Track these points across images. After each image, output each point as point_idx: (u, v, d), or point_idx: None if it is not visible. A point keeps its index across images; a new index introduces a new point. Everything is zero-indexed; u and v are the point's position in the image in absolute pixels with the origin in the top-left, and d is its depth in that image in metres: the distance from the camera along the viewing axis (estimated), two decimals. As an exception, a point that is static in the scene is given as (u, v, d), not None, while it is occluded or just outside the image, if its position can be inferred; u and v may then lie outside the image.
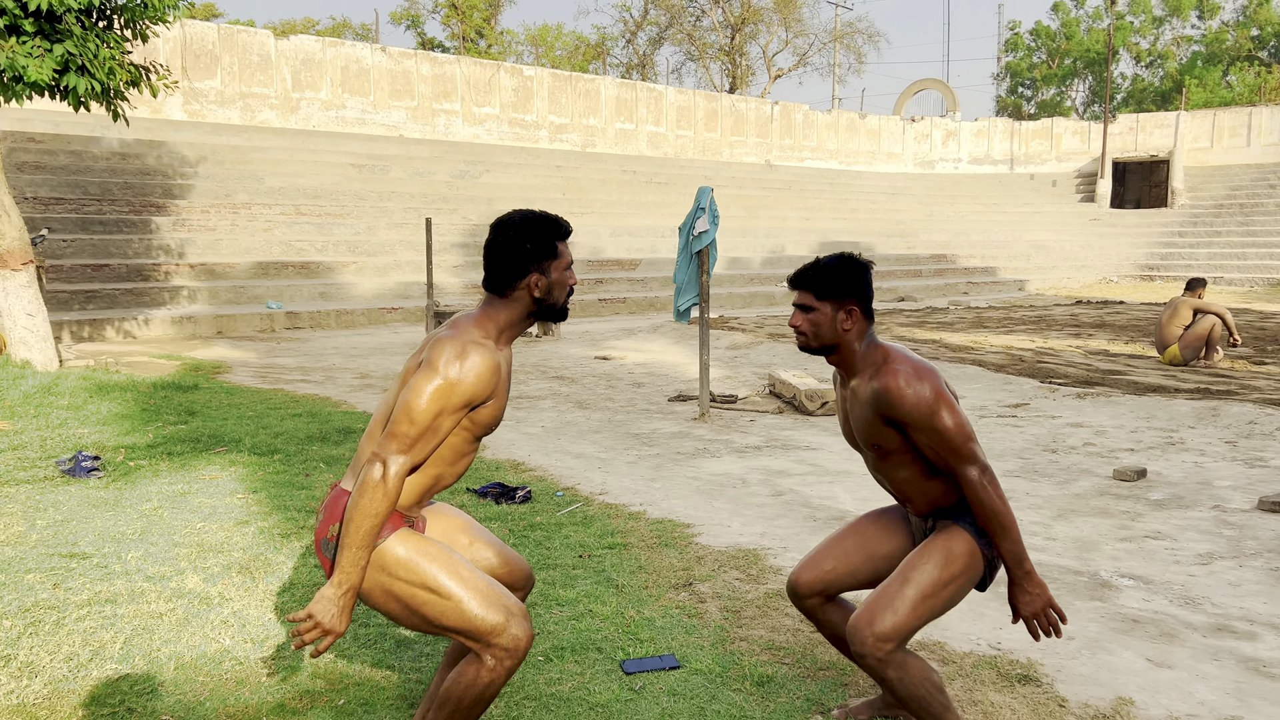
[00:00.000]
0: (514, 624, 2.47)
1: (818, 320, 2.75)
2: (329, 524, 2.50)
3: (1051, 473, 6.41)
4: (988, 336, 14.46)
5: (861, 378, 2.76)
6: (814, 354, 2.81)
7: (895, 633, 2.63)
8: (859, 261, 2.76)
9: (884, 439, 2.73)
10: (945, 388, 2.67)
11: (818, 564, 2.95)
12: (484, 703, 2.51)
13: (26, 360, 9.41)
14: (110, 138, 18.92)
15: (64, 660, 3.40)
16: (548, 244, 2.57)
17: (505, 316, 2.59)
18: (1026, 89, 61.70)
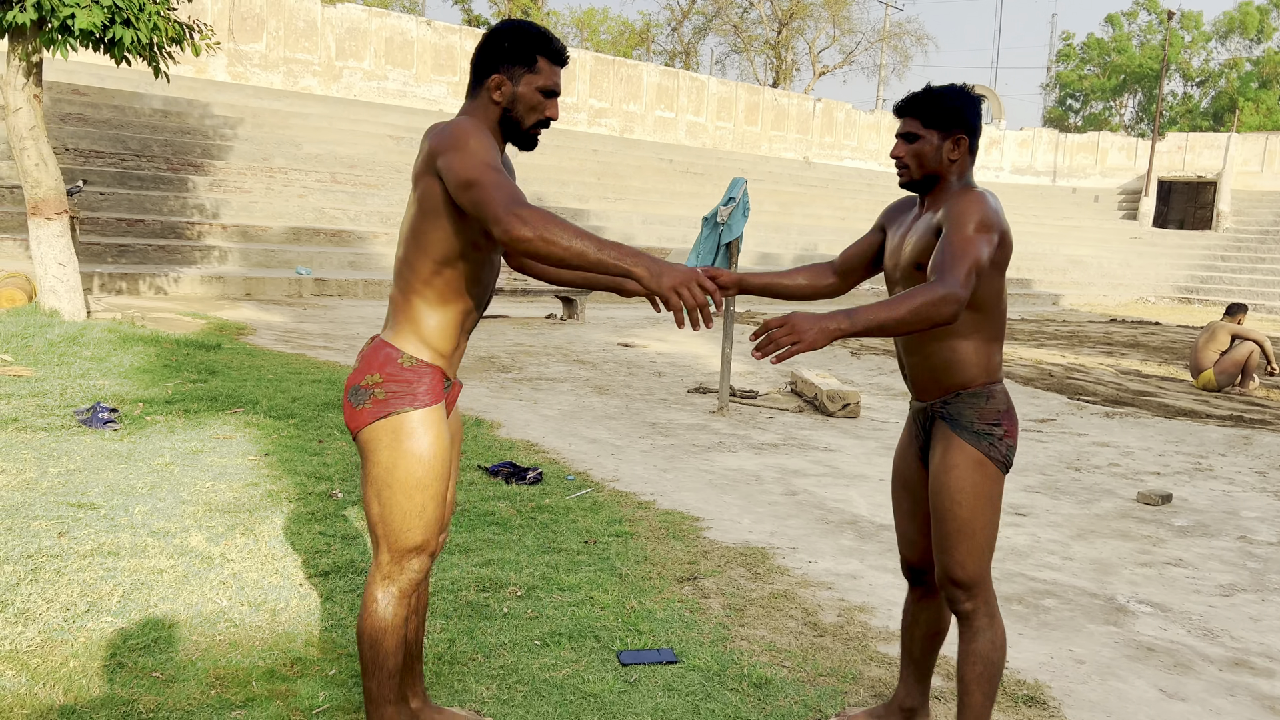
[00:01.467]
0: (420, 556, 2.48)
1: (922, 150, 2.59)
2: (365, 372, 2.44)
3: (1073, 491, 6.28)
4: (1017, 349, 14.26)
5: (937, 208, 2.59)
6: (914, 188, 2.65)
7: (972, 579, 2.60)
8: (971, 93, 2.61)
9: (926, 255, 2.54)
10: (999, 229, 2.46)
11: (911, 540, 2.88)
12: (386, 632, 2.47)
13: (55, 309, 9.47)
14: (153, 95, 19.03)
15: (61, 609, 3.39)
16: (526, 52, 2.41)
17: (488, 116, 2.45)
18: (1075, 101, 60.86)
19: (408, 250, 2.43)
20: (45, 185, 9.36)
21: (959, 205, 2.47)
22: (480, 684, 3.12)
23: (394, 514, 2.44)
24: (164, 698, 2.88)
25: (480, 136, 2.30)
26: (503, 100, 2.43)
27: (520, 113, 2.45)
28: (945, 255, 2.38)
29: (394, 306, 2.49)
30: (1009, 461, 2.63)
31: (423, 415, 2.42)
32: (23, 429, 5.74)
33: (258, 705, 2.88)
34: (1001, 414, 2.62)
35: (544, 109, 2.47)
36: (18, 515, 4.26)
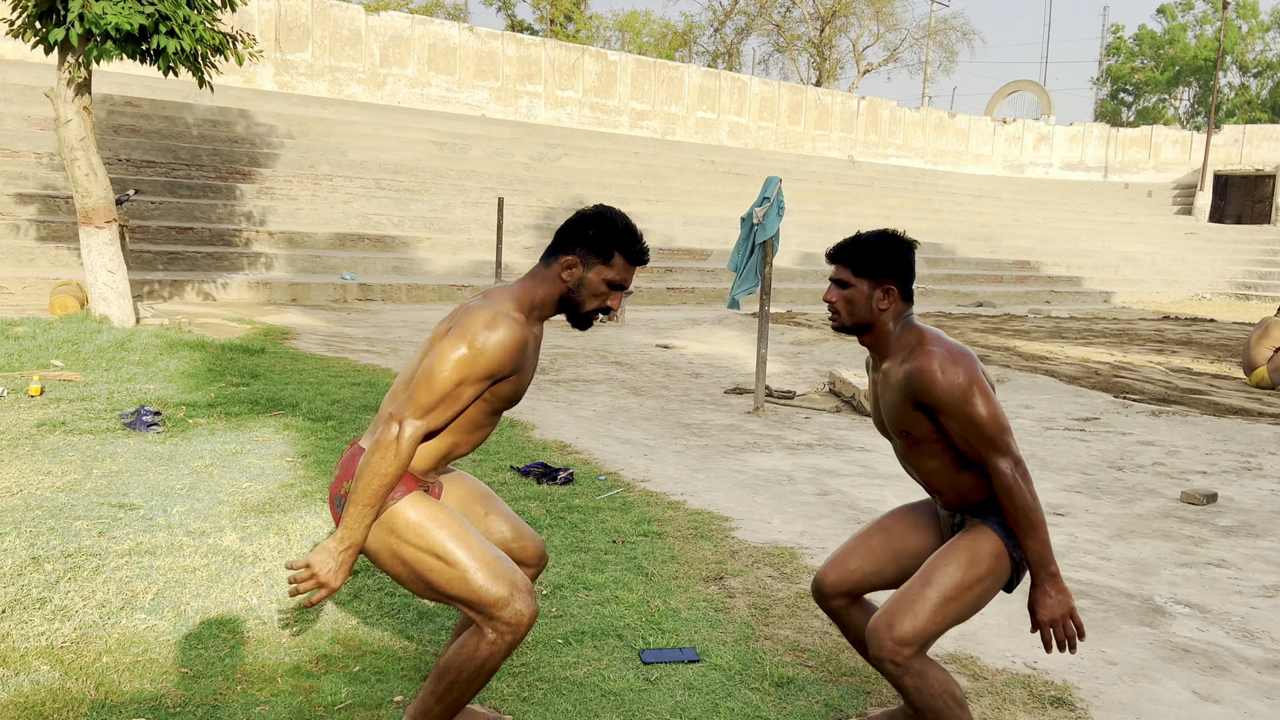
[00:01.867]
0: (517, 599, 2.44)
1: (853, 297, 2.64)
2: (344, 480, 2.50)
3: (1115, 491, 6.16)
4: (1064, 347, 14.02)
5: (894, 360, 2.64)
6: (847, 333, 2.71)
7: (915, 637, 2.51)
8: (901, 239, 2.64)
9: (913, 425, 2.61)
10: (981, 374, 2.55)
11: (843, 563, 2.85)
12: (483, 676, 2.48)
13: (105, 315, 9.71)
14: (202, 105, 19.43)
15: (97, 606, 3.47)
16: (607, 245, 2.50)
17: (542, 293, 2.53)
18: (1127, 95, 59.67)
19: (399, 391, 2.51)
20: (95, 195, 9.61)
21: (936, 387, 2.50)
22: (501, 681, 3.15)
23: (457, 586, 2.43)
24: (191, 692, 2.94)
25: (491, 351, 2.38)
26: (569, 281, 2.52)
27: (582, 297, 2.53)
28: (979, 445, 2.52)
29: (378, 419, 2.53)
30: (1016, 579, 2.65)
31: (407, 502, 2.46)
32: (70, 432, 5.89)
33: (282, 700, 2.93)
34: None
35: (606, 299, 2.55)
36: (61, 515, 4.38)
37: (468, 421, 2.51)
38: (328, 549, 2.37)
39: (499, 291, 2.52)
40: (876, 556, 2.81)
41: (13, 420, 6.09)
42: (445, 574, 2.43)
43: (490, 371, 2.40)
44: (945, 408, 2.51)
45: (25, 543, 4.00)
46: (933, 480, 2.69)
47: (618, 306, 2.58)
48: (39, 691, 2.87)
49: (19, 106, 17.24)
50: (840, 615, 2.90)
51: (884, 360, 2.69)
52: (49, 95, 9.52)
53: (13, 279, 12.58)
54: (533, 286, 2.54)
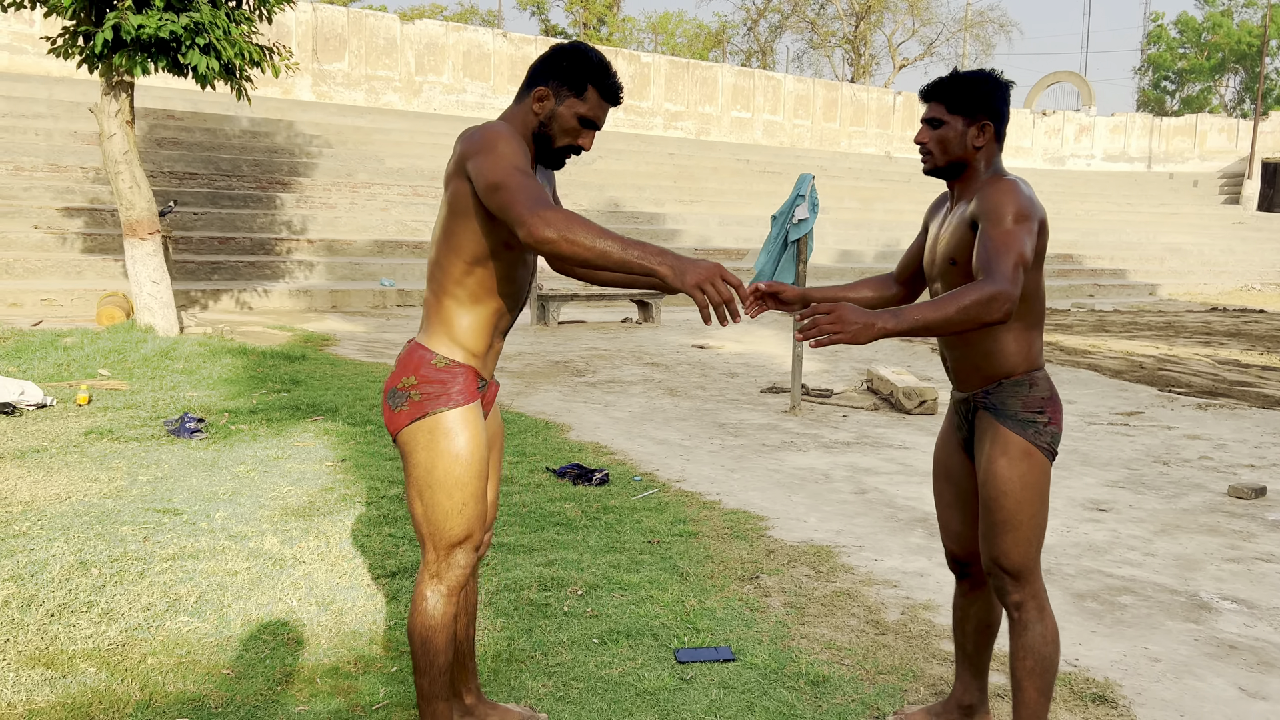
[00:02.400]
0: (462, 552, 2.52)
1: (946, 136, 2.56)
2: (401, 375, 2.50)
3: (1160, 485, 6.05)
4: (1108, 341, 13.80)
5: (968, 198, 2.55)
6: (939, 175, 2.62)
7: (1020, 566, 2.54)
8: (998, 78, 2.57)
9: (962, 250, 2.51)
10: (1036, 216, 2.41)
11: (951, 530, 2.84)
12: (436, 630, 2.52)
13: (150, 325, 9.90)
14: (242, 116, 19.74)
15: (142, 610, 3.54)
16: (580, 78, 2.43)
17: (523, 127, 2.48)
18: (1170, 83, 58.59)
19: (439, 251, 2.48)
20: (138, 207, 9.80)
21: (993, 197, 2.42)
22: (537, 681, 3.16)
23: (436, 512, 2.49)
24: (232, 693, 2.99)
25: (509, 141, 2.34)
26: (540, 114, 2.46)
27: (554, 131, 2.47)
28: (989, 251, 2.34)
29: (427, 309, 2.54)
30: (1054, 449, 2.57)
31: (458, 414, 2.47)
32: (116, 439, 6.02)
33: (321, 701, 2.97)
34: (1045, 401, 2.56)
35: (577, 136, 2.48)
36: (108, 521, 4.47)
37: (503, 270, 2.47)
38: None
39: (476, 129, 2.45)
40: (964, 503, 2.79)
41: (62, 428, 6.23)
42: (437, 504, 2.48)
43: (516, 145, 2.33)
44: (989, 210, 2.39)
45: (73, 548, 4.09)
46: (960, 346, 2.61)
47: (589, 146, 2.51)
48: (86, 693, 2.94)
49: (65, 122, 17.64)
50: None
51: (959, 201, 2.60)
52: (93, 110, 9.73)
53: (61, 291, 12.87)
54: (510, 122, 2.48)
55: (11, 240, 14.24)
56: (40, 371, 7.95)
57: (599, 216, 21.17)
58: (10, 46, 19.33)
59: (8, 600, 3.53)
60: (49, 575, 3.78)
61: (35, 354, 8.58)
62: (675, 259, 2.13)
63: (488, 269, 2.46)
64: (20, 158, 16.12)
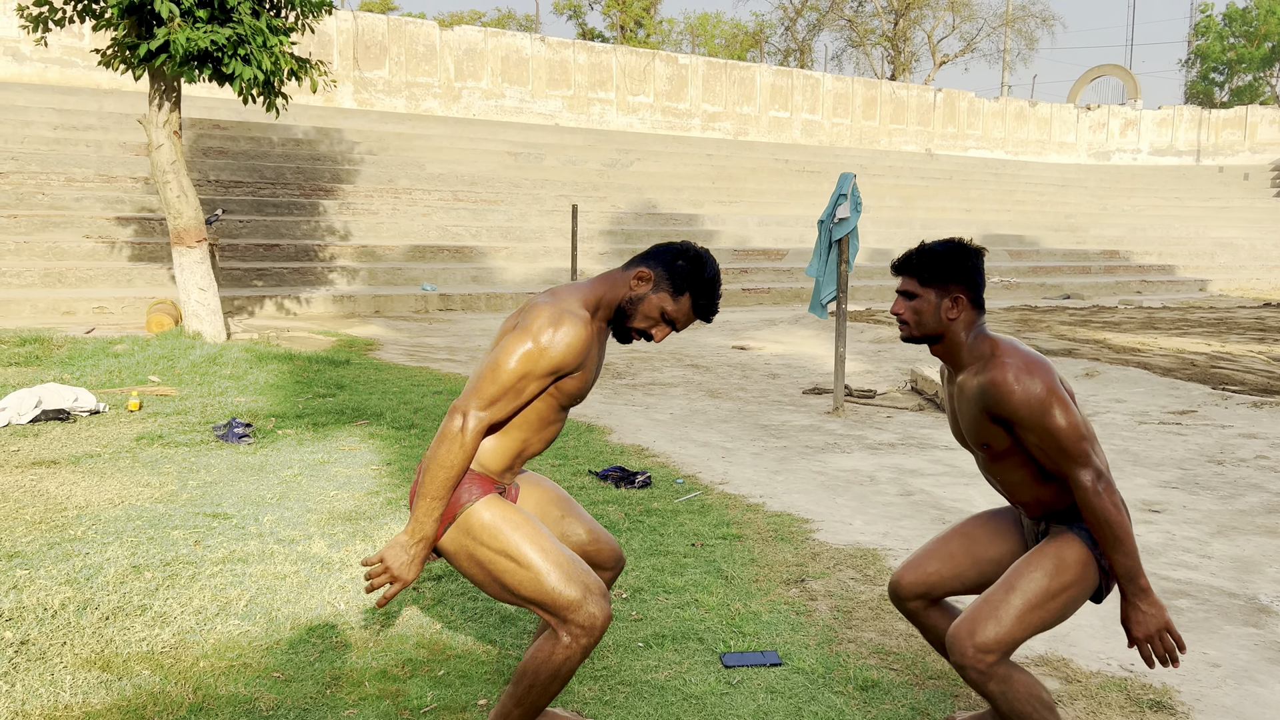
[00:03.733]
0: (591, 601, 2.45)
1: (920, 308, 2.60)
2: None
3: (1215, 486, 5.92)
4: (1157, 338, 13.54)
5: (969, 372, 2.59)
6: (917, 343, 2.68)
7: (998, 644, 2.45)
8: (968, 247, 2.60)
9: (992, 438, 2.55)
10: (1059, 384, 2.47)
11: (921, 565, 2.79)
12: (560, 679, 2.49)
13: (198, 332, 10.06)
14: (286, 125, 20.02)
15: (194, 613, 3.59)
16: (684, 282, 2.53)
17: (610, 294, 2.55)
18: (1218, 75, 57.36)
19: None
20: (186, 215, 9.97)
21: (1009, 398, 2.44)
22: (583, 685, 3.16)
23: (530, 588, 2.45)
24: (283, 696, 3.02)
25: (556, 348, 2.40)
26: (634, 291, 2.54)
27: (634, 311, 2.55)
28: (1058, 459, 2.45)
29: None
30: (1104, 589, 2.57)
31: (484, 503, 2.49)
32: (167, 445, 6.12)
33: (369, 704, 2.99)
34: None
35: (653, 325, 2.57)
36: (160, 525, 4.55)
37: (536, 418, 2.53)
38: (400, 543, 2.42)
39: (567, 289, 2.54)
40: (956, 561, 2.76)
41: (114, 434, 6.35)
42: (519, 575, 2.45)
43: (554, 367, 2.42)
44: (1022, 421, 2.45)
45: (127, 552, 4.16)
46: (1016, 491, 2.63)
47: (659, 339, 2.60)
48: (141, 695, 2.98)
49: (115, 134, 18.01)
50: (917, 617, 2.85)
51: (959, 372, 2.64)
52: (141, 121, 9.91)
53: (112, 298, 13.13)
54: (603, 288, 2.56)
55: (64, 249, 14.56)
56: (93, 378, 8.11)
57: (637, 218, 21.19)
58: (61, 60, 19.78)
59: (65, 604, 3.60)
60: (104, 579, 3.85)
61: (88, 361, 8.76)
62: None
63: (523, 416, 2.52)
64: (72, 169, 16.49)
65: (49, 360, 8.81)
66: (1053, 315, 17.00)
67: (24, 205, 15.35)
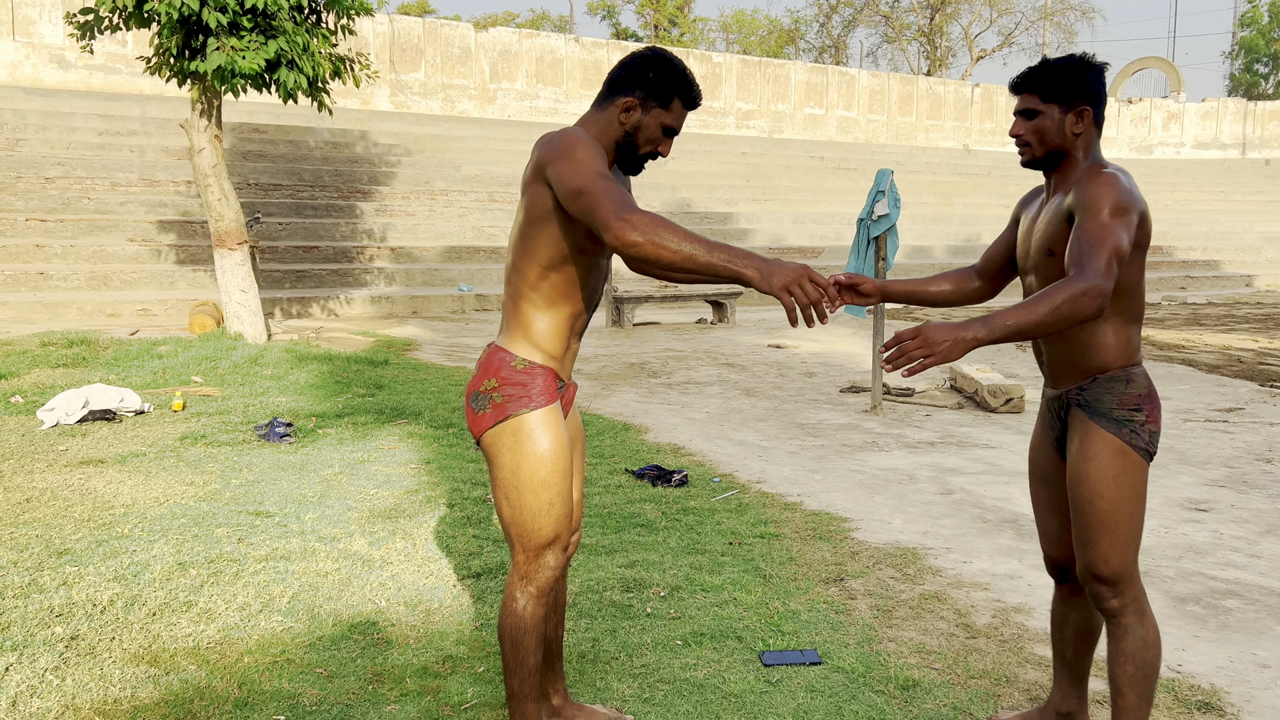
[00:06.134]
0: (551, 552, 2.54)
1: (1043, 126, 2.49)
2: (483, 378, 2.54)
3: (1264, 484, 5.80)
4: (1202, 335, 13.30)
5: (1066, 189, 2.48)
6: (1038, 166, 2.55)
7: (1118, 573, 2.46)
8: (1091, 61, 2.50)
9: (1059, 241, 2.44)
10: (1137, 209, 2.34)
11: (1049, 533, 2.76)
12: (530, 631, 2.54)
13: (239, 333, 10.20)
14: (324, 128, 20.23)
15: (238, 609, 3.65)
16: (666, 88, 2.47)
17: (596, 132, 2.50)
18: (1264, 66, 56.21)
19: (516, 256, 2.51)
20: (227, 218, 10.11)
21: (1091, 188, 2.35)
22: (622, 682, 3.16)
23: (523, 514, 2.51)
24: (326, 692, 3.06)
25: (588, 146, 2.36)
26: (627, 124, 2.50)
27: (639, 140, 2.52)
28: (1083, 245, 2.27)
29: (505, 312, 2.57)
30: (1152, 449, 2.48)
31: (539, 416, 2.49)
32: (210, 444, 6.21)
33: (410, 700, 3.02)
34: (1142, 398, 2.47)
35: (659, 144, 2.53)
36: (204, 524, 4.61)
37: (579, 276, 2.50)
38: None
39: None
40: (1061, 507, 2.70)
41: (158, 434, 6.45)
42: (518, 496, 2.50)
43: (596, 149, 2.36)
44: (1087, 203, 2.32)
45: (172, 549, 4.23)
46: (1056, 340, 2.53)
47: (668, 152, 2.55)
48: (187, 690, 3.03)
49: (158, 139, 18.31)
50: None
51: (1057, 192, 2.53)
52: (183, 126, 10.06)
53: (155, 301, 13.35)
54: (590, 128, 2.51)
55: (109, 253, 14.83)
56: (138, 379, 8.25)
57: (671, 217, 21.16)
58: (105, 67, 20.14)
59: (113, 600, 3.66)
60: (150, 576, 3.92)
61: (133, 362, 8.91)
62: (762, 261, 2.11)
63: (563, 273, 2.49)
64: (116, 173, 16.78)
65: (95, 362, 8.97)
66: (1094, 312, 16.75)
67: (70, 209, 15.66)
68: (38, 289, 13.64)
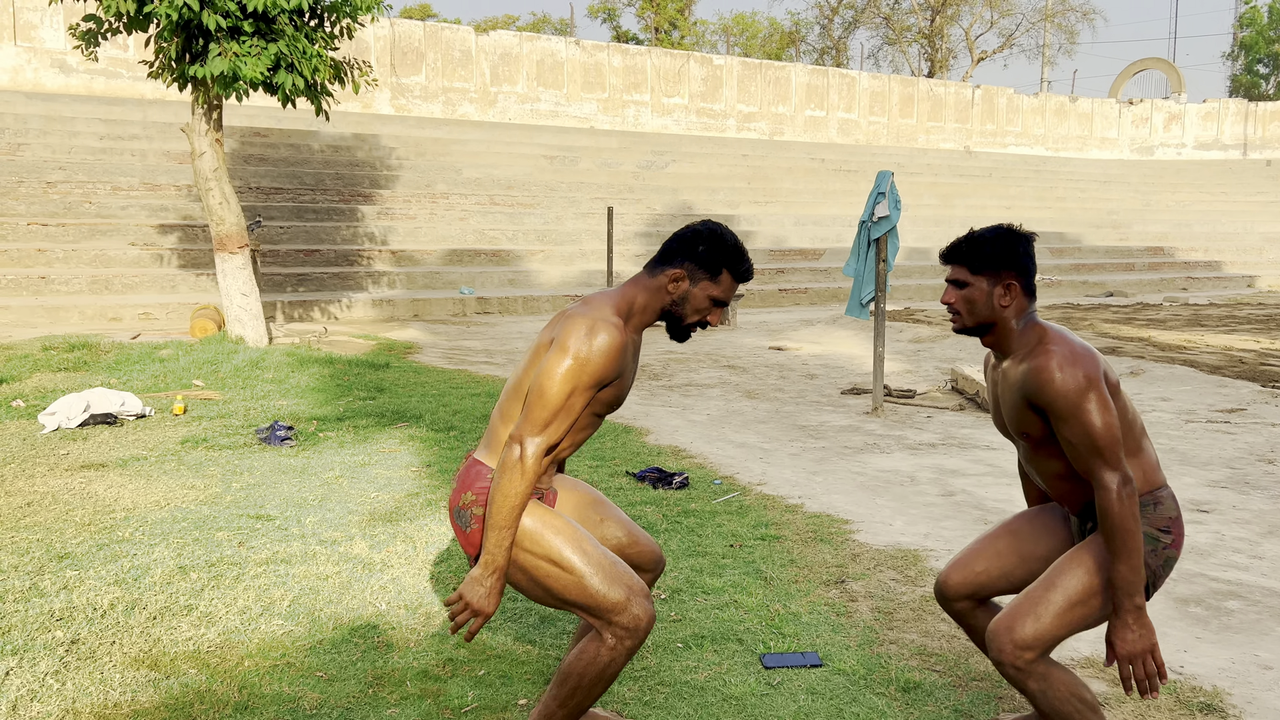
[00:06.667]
0: (635, 603, 2.45)
1: (972, 296, 2.55)
2: (461, 493, 2.56)
3: (1266, 485, 5.79)
4: (1204, 336, 13.29)
5: (1014, 359, 2.54)
6: (969, 334, 2.62)
7: (1036, 641, 2.42)
8: (1018, 232, 2.54)
9: (1030, 426, 2.50)
10: (1103, 377, 2.41)
11: (968, 564, 2.75)
12: (604, 681, 2.50)
13: (240, 336, 10.21)
14: (325, 132, 20.25)
15: (238, 613, 3.64)
16: (716, 263, 2.52)
17: (642, 300, 2.55)
18: (1265, 67, 56.18)
19: (510, 399, 2.55)
20: (228, 222, 10.12)
21: (1049, 387, 2.38)
22: (623, 685, 3.16)
23: (574, 591, 2.46)
24: (326, 695, 3.05)
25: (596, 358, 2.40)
26: (675, 294, 2.55)
27: (685, 310, 2.56)
28: (1086, 457, 2.37)
29: (490, 428, 2.59)
30: (1160, 578, 2.49)
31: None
32: (211, 448, 6.21)
33: (411, 703, 3.01)
34: (1171, 521, 2.50)
35: (708, 314, 2.58)
36: (204, 527, 4.62)
37: (572, 435, 2.56)
38: (474, 577, 2.43)
39: (598, 298, 2.54)
40: (1004, 559, 2.71)
41: (160, 438, 6.46)
42: (562, 580, 2.46)
43: (598, 378, 2.42)
44: (1058, 410, 2.39)
45: (173, 553, 4.23)
46: (1056, 485, 2.58)
47: (717, 322, 2.60)
48: (188, 694, 3.03)
49: (159, 143, 18.33)
50: (964, 618, 2.81)
51: (1004, 359, 2.60)
52: (185, 130, 10.08)
53: (157, 305, 13.37)
54: (634, 294, 2.56)
55: (111, 257, 14.85)
56: (139, 383, 8.26)
57: (672, 220, 21.17)
58: (107, 72, 20.17)
59: (114, 604, 3.66)
60: (151, 579, 3.91)
61: (134, 366, 8.92)
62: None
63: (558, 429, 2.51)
64: (117, 177, 16.80)
65: (97, 365, 8.98)
66: (1096, 313, 16.75)
67: (72, 214, 15.68)
68: (39, 293, 13.66)
